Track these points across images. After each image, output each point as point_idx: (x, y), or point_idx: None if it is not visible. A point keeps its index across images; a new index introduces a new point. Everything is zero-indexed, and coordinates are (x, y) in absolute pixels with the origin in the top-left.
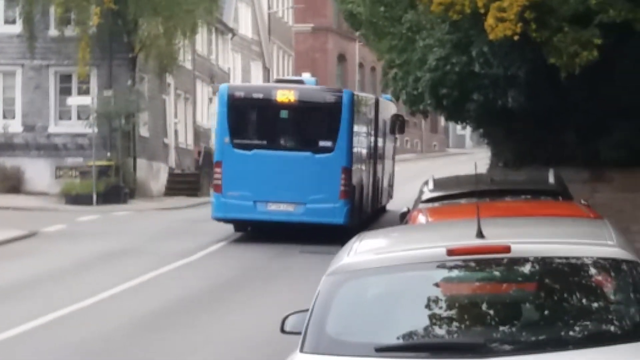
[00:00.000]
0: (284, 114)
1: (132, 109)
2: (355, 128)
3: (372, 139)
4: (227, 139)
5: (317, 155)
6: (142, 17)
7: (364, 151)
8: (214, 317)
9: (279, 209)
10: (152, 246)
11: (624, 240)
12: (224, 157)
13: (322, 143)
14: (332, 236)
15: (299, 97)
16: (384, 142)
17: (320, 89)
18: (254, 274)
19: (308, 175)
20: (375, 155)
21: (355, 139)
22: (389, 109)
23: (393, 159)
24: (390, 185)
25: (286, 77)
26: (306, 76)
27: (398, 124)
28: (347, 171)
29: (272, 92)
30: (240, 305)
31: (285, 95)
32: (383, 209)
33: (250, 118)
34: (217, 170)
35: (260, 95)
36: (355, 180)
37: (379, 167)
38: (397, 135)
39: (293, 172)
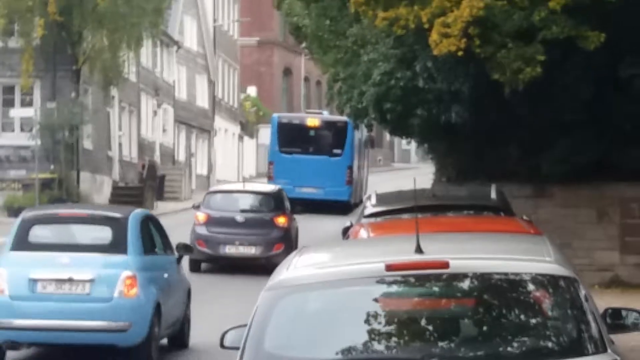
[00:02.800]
0: (312, 132)
1: (75, 121)
2: (353, 141)
3: (360, 150)
4: (276, 147)
5: (332, 158)
6: (86, 29)
7: (357, 158)
8: None
9: (308, 191)
10: None
11: (562, 256)
12: (275, 158)
13: (335, 151)
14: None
15: (321, 122)
16: (365, 153)
17: (333, 118)
18: (200, 290)
19: (326, 170)
20: (361, 161)
21: (353, 148)
22: (364, 130)
23: (368, 163)
24: (366, 180)
25: (311, 110)
26: (325, 111)
27: (370, 141)
28: (350, 168)
29: (304, 119)
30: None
31: (312, 121)
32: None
33: (291, 134)
34: (270, 167)
35: (297, 121)
36: (354, 174)
37: (364, 169)
38: (369, 149)
39: (317, 168)
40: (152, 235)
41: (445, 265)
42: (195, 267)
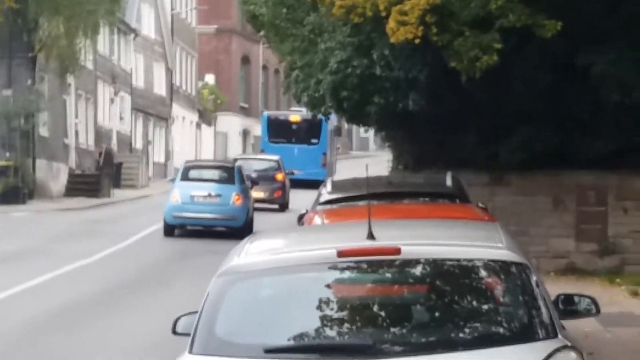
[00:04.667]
0: (294, 126)
1: (31, 108)
2: (327, 133)
3: (331, 139)
4: (266, 138)
5: (310, 147)
6: (42, 16)
7: (329, 145)
8: (109, 319)
9: (293, 173)
10: (50, 247)
11: (514, 243)
12: (265, 147)
13: (312, 140)
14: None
15: (301, 118)
16: (334, 140)
17: (309, 115)
18: (153, 276)
19: (306, 156)
20: (332, 148)
21: (327, 138)
22: (333, 121)
23: (336, 148)
24: (335, 163)
25: (294, 108)
26: (302, 109)
27: (337, 130)
28: (324, 155)
29: (288, 115)
30: (137, 308)
31: (294, 117)
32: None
33: (278, 128)
34: (262, 154)
35: (282, 117)
36: (328, 159)
37: (334, 154)
38: (336, 137)
39: (299, 154)
40: (242, 175)
41: (397, 251)
42: None
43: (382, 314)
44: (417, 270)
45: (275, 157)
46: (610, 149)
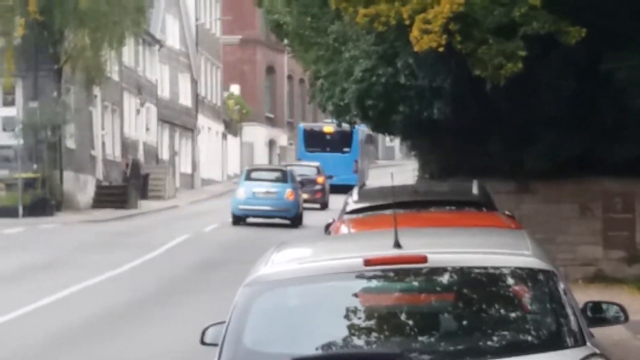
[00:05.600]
0: (328, 136)
1: (58, 120)
2: (358, 142)
3: (362, 147)
4: (303, 148)
5: (343, 155)
6: (68, 28)
7: (360, 153)
8: (138, 330)
9: (331, 177)
10: (78, 259)
11: (541, 250)
12: (302, 156)
13: (345, 149)
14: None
15: (333, 129)
16: (366, 149)
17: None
18: (181, 286)
19: (339, 163)
20: (363, 155)
21: (359, 147)
22: (365, 130)
23: (369, 156)
24: (368, 169)
25: (327, 120)
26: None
27: (369, 138)
28: (356, 162)
29: (322, 127)
30: (165, 318)
31: (328, 128)
32: (363, 185)
33: (313, 138)
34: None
35: (317, 129)
36: (360, 166)
37: (365, 161)
38: (369, 145)
39: (332, 162)
40: (293, 176)
41: (424, 259)
42: None
43: (410, 322)
44: (444, 279)
45: (316, 164)
46: (636, 154)
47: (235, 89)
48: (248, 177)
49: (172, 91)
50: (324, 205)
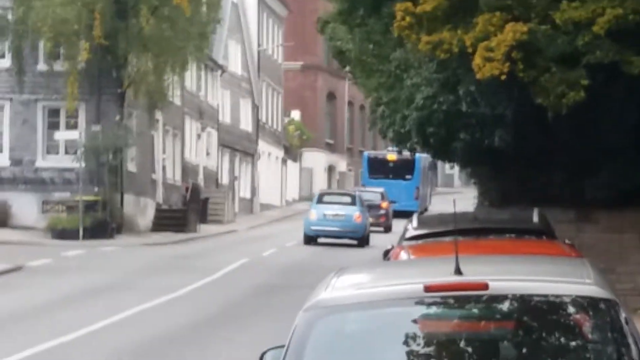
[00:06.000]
0: (391, 164)
1: (120, 144)
2: (420, 169)
3: (424, 174)
4: (367, 175)
5: (405, 181)
6: (131, 53)
7: (422, 180)
8: (196, 353)
9: (389, 204)
10: (138, 281)
11: (602, 278)
12: (366, 182)
13: (406, 176)
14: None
15: (397, 157)
16: (429, 174)
17: (404, 154)
18: (239, 310)
19: (401, 190)
20: (425, 181)
21: (420, 174)
22: (428, 157)
23: (432, 183)
24: (430, 196)
25: (390, 149)
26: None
27: (432, 165)
28: (417, 188)
29: (385, 155)
30: (223, 341)
31: (391, 156)
32: (426, 209)
33: (376, 165)
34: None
35: (381, 156)
36: (420, 192)
37: (428, 187)
38: (432, 170)
39: (395, 188)
40: (361, 200)
41: (485, 286)
42: None
43: (469, 349)
44: (505, 306)
45: (381, 189)
46: None
47: (295, 114)
48: (320, 201)
49: (233, 116)
50: (388, 229)
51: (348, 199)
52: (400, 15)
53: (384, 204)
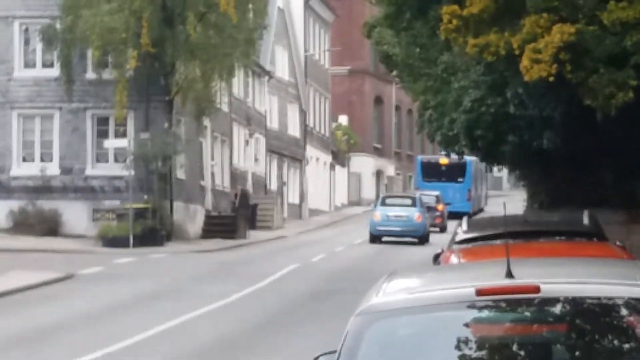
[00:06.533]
0: (443, 167)
1: (169, 151)
2: (471, 172)
3: (476, 176)
4: (420, 178)
5: (457, 184)
6: (179, 60)
7: (474, 182)
8: (247, 359)
9: (444, 206)
10: (188, 289)
11: None
12: (420, 185)
13: (458, 179)
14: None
15: (449, 161)
16: (483, 176)
17: (455, 159)
18: (289, 316)
19: (453, 192)
20: (478, 183)
21: (472, 177)
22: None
23: (486, 185)
24: (486, 197)
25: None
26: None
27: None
28: (469, 190)
29: (438, 159)
30: (274, 347)
31: (443, 160)
32: (482, 210)
33: (429, 169)
34: (417, 191)
35: (434, 161)
36: (472, 194)
37: (481, 189)
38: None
39: (447, 190)
40: (421, 201)
41: (536, 289)
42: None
43: (522, 353)
44: (557, 309)
45: (436, 193)
46: None
47: (343, 119)
48: (383, 203)
49: (280, 122)
50: (443, 229)
51: (409, 201)
52: (447, 18)
53: (440, 206)
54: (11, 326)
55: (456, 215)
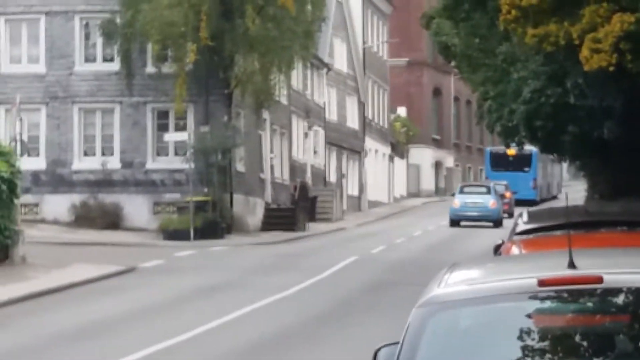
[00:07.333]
0: (510, 158)
1: (228, 144)
2: (538, 163)
3: (544, 165)
4: (489, 168)
5: (523, 173)
6: (238, 53)
7: (541, 171)
8: (309, 349)
9: (512, 194)
10: (249, 281)
11: None
12: (489, 175)
13: (525, 168)
14: (527, 204)
15: (516, 151)
16: (551, 167)
17: (522, 149)
18: (349, 308)
19: (520, 181)
20: (546, 172)
21: (538, 167)
22: None
23: (559, 175)
24: (558, 185)
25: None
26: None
27: (557, 159)
28: (534, 179)
29: (505, 150)
30: (336, 339)
31: (511, 151)
32: (555, 197)
33: (497, 159)
34: (486, 180)
35: (501, 151)
36: (538, 182)
37: (552, 177)
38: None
39: (514, 179)
40: (495, 190)
41: (599, 280)
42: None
43: (585, 344)
44: (620, 299)
45: (504, 182)
46: None
47: (402, 111)
48: (461, 191)
49: (339, 114)
50: (511, 215)
51: (484, 190)
52: (506, 8)
53: (508, 194)
54: (73, 319)
55: (522, 203)
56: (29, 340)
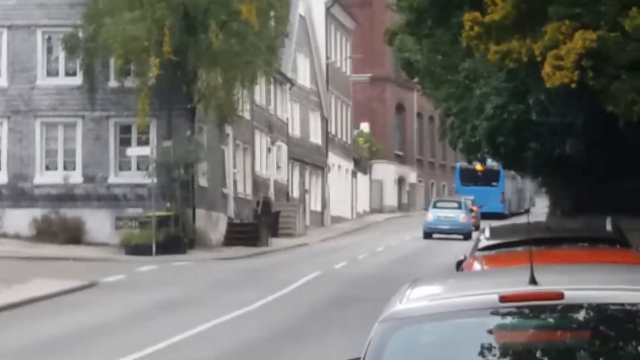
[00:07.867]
0: (479, 173)
1: (191, 159)
2: (507, 177)
3: (513, 182)
4: (459, 183)
5: (491, 188)
6: (201, 68)
7: (509, 186)
8: None
9: (482, 207)
10: (211, 296)
11: None
12: (458, 189)
13: (493, 183)
14: (495, 217)
15: (484, 167)
16: (522, 182)
17: (490, 165)
18: (312, 323)
19: (488, 195)
20: (514, 187)
21: (507, 181)
22: None
23: (532, 189)
24: (531, 198)
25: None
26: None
27: (517, 176)
28: (502, 193)
29: (474, 166)
30: (298, 354)
31: (479, 166)
32: (527, 210)
33: (467, 174)
34: (455, 194)
35: (471, 167)
36: (507, 196)
37: (523, 191)
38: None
39: (484, 193)
40: (466, 204)
41: (560, 296)
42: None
43: None
44: (580, 315)
45: (471, 197)
46: None
47: (365, 126)
48: (434, 206)
49: (302, 129)
50: (477, 227)
51: (456, 204)
52: (469, 25)
53: (475, 208)
54: (34, 334)
55: (490, 216)
56: None
